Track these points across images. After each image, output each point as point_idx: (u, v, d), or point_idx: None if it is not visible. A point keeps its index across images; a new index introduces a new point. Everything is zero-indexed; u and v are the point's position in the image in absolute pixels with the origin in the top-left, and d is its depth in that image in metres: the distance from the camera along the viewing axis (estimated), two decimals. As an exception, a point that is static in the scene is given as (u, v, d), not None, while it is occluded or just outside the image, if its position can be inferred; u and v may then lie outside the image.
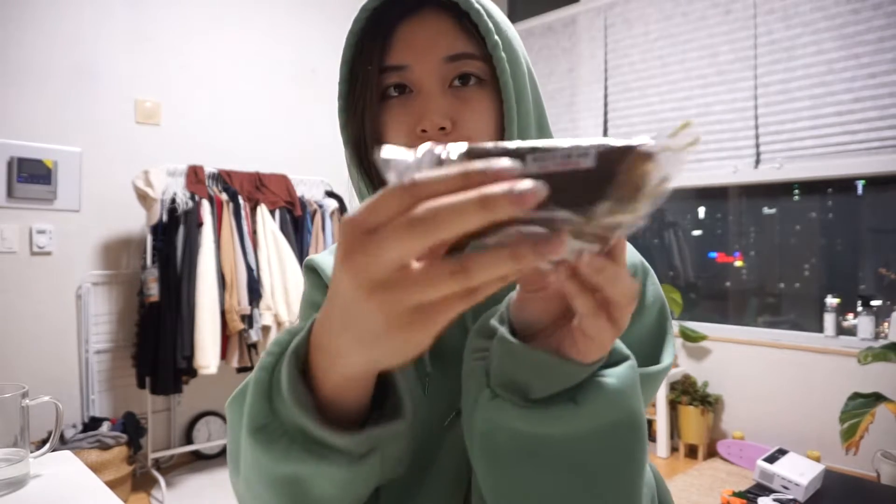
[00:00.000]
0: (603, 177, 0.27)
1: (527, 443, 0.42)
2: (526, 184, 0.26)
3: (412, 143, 0.48)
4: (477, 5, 0.51)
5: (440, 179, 0.27)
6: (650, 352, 0.56)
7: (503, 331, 0.42)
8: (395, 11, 0.53)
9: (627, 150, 0.28)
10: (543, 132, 0.58)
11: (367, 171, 0.57)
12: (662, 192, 0.28)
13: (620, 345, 0.45)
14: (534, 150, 0.29)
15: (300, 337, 0.40)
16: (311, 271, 0.66)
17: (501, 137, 0.53)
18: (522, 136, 0.54)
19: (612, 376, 0.41)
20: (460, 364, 0.48)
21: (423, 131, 0.51)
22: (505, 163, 0.27)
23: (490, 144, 0.30)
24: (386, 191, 0.28)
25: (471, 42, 0.52)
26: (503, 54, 0.52)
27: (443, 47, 0.52)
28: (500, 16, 0.55)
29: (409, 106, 0.52)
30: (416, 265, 0.29)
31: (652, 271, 0.60)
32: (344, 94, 0.56)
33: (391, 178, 0.30)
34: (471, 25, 0.52)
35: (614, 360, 0.43)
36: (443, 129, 0.51)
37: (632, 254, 0.59)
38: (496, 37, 0.51)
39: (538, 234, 0.28)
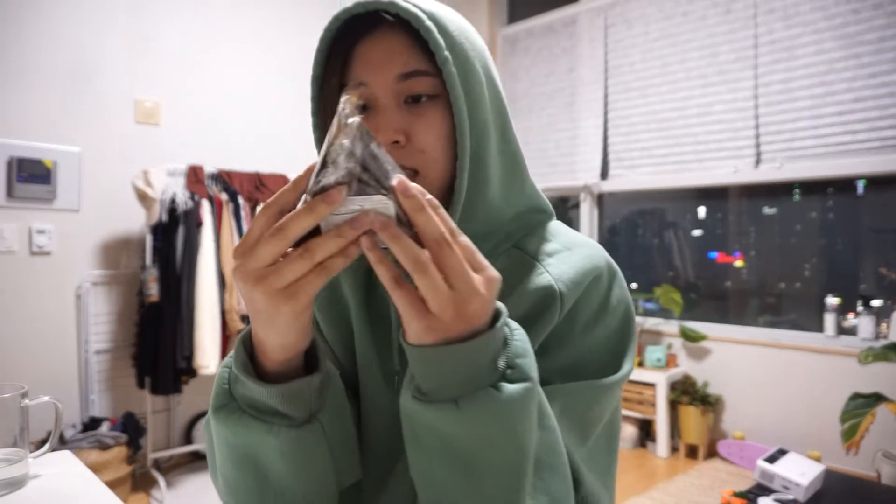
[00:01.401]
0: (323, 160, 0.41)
1: (418, 429, 0.46)
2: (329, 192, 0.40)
3: None
4: (428, 23, 0.52)
5: (280, 200, 0.43)
6: (611, 358, 0.58)
7: (394, 318, 0.49)
8: (356, 30, 0.56)
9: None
10: (506, 139, 0.60)
11: None
12: (350, 147, 0.40)
13: (528, 367, 0.45)
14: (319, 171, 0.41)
15: (245, 331, 0.51)
16: None
17: (455, 148, 0.56)
18: (479, 145, 0.56)
19: (504, 391, 0.43)
20: None
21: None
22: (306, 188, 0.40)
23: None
24: (255, 219, 0.42)
25: (423, 58, 0.54)
26: (453, 69, 0.53)
27: (396, 65, 0.54)
28: (457, 27, 0.56)
29: (368, 122, 0.55)
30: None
31: (620, 275, 0.61)
32: (315, 111, 0.59)
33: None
34: (424, 41, 0.54)
35: (516, 377, 0.44)
36: (396, 142, 0.54)
37: (597, 256, 0.60)
38: (446, 52, 0.53)
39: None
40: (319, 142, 0.59)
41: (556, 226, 0.65)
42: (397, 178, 0.40)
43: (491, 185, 0.58)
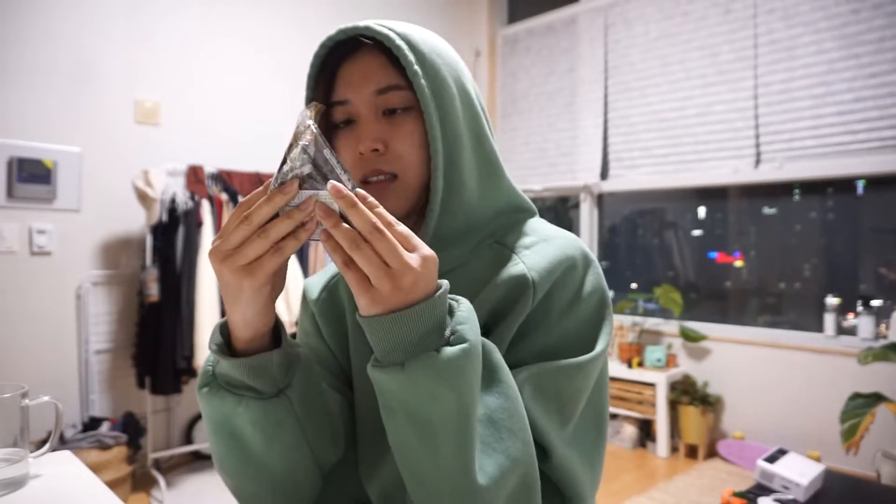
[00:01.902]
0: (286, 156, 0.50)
1: (385, 395, 0.52)
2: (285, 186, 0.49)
3: (356, 164, 0.63)
4: (399, 42, 0.59)
5: (252, 198, 0.50)
6: (586, 342, 0.62)
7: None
8: (340, 53, 0.64)
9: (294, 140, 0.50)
10: (481, 144, 0.65)
11: None
12: (304, 150, 0.49)
13: (467, 331, 0.50)
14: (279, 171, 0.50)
15: (223, 319, 0.58)
16: (304, 294, 0.78)
17: (429, 154, 0.61)
18: (451, 152, 0.62)
19: (443, 353, 0.48)
20: None
21: (361, 153, 0.61)
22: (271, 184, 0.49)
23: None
24: (233, 212, 0.50)
25: (397, 74, 0.61)
26: (423, 82, 0.59)
27: (374, 82, 0.62)
28: (429, 45, 0.62)
29: (352, 133, 0.63)
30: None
31: (595, 264, 0.65)
32: None
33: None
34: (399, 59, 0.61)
35: (455, 341, 0.49)
36: (376, 150, 0.61)
37: (572, 247, 0.64)
38: (415, 67, 0.59)
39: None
40: None
41: (536, 222, 0.70)
42: (331, 184, 0.47)
43: (467, 186, 0.63)
